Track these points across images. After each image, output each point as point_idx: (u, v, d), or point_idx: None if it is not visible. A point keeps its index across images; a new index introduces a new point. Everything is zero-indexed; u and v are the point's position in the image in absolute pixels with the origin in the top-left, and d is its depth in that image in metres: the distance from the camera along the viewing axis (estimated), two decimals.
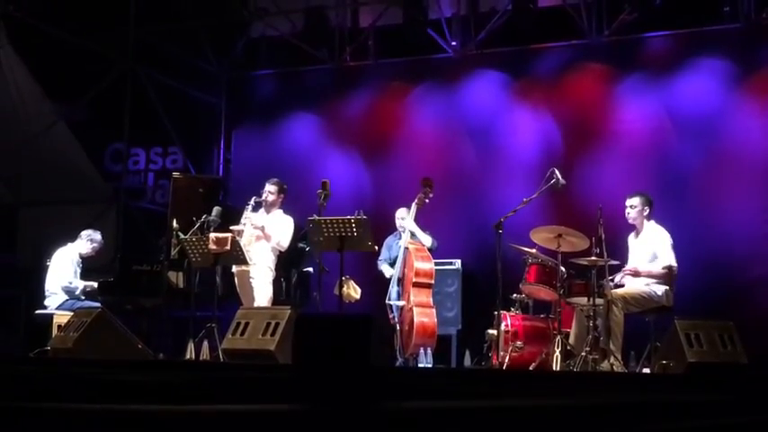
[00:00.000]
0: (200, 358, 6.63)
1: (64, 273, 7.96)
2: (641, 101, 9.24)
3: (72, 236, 8.31)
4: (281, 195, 7.41)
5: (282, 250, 7.36)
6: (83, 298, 7.94)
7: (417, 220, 7.65)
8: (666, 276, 6.49)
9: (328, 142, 10.51)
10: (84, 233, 8.25)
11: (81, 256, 8.15)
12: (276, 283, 7.52)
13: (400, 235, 7.82)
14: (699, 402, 3.68)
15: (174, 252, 7.50)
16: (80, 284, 7.97)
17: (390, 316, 7.49)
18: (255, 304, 7.04)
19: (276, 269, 7.42)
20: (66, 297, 7.90)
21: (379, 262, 8.01)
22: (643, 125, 9.18)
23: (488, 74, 9.94)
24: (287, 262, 7.86)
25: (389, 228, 8.08)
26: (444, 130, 9.98)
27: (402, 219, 7.82)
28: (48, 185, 9.92)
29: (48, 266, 8.09)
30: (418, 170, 8.77)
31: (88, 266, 8.27)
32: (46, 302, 7.93)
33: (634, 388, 4.28)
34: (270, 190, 7.37)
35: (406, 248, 7.49)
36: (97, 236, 8.28)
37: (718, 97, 8.94)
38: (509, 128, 9.71)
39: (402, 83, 10.35)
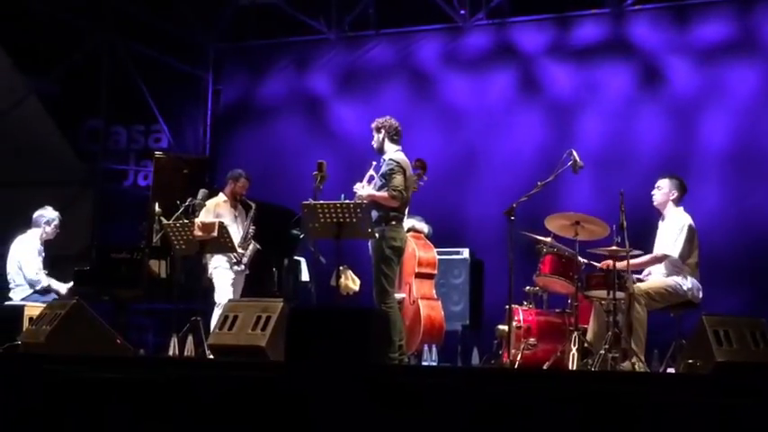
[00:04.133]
0: (185, 354, 6.60)
1: (28, 264, 7.74)
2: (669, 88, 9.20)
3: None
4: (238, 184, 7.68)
5: None
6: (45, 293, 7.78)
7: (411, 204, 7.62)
8: (670, 266, 6.42)
9: (324, 121, 10.46)
10: (37, 215, 7.89)
11: (42, 243, 7.91)
12: (265, 272, 7.52)
13: None
14: (727, 405, 3.67)
15: (155, 239, 7.47)
16: (44, 280, 7.76)
17: None
18: None
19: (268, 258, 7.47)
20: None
21: None
22: (669, 115, 9.13)
23: (500, 47, 9.85)
24: (277, 250, 7.84)
25: None
26: (451, 110, 9.93)
27: None
28: (17, 165, 9.84)
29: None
30: (423, 153, 8.70)
31: (59, 254, 8.07)
32: (10, 294, 7.75)
33: (657, 389, 4.26)
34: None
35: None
36: (49, 213, 7.92)
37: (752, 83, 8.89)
38: (522, 109, 9.65)
39: (405, 55, 10.27)
